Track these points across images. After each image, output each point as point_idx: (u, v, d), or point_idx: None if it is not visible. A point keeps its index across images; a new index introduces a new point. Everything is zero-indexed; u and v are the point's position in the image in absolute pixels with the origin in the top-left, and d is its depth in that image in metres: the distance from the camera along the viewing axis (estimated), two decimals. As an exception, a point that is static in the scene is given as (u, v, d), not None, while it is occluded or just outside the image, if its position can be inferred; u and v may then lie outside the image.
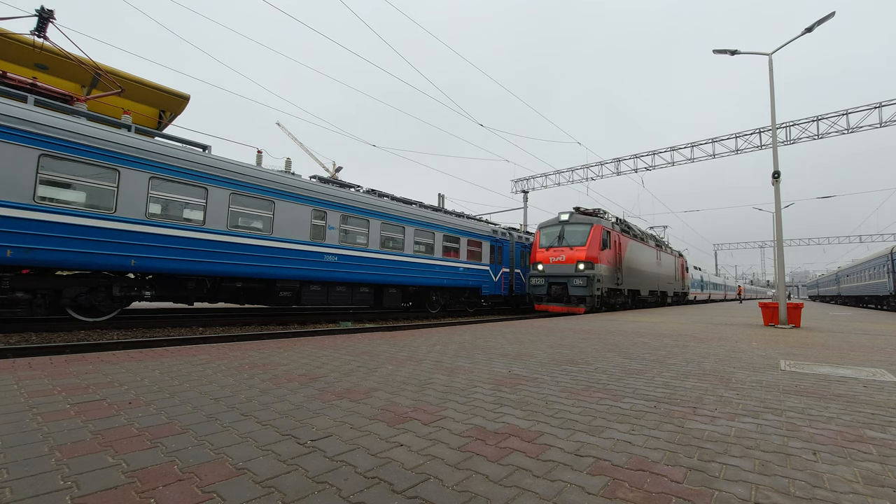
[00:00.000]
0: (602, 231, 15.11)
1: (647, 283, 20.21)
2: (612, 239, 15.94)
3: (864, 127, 18.03)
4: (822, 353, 4.97)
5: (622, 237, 17.10)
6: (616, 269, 15.97)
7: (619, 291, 16.62)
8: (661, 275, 22.81)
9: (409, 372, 3.45)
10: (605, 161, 24.93)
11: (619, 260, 16.41)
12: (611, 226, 16.16)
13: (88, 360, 3.61)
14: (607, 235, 15.58)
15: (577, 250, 14.73)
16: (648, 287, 20.32)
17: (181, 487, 1.42)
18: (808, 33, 9.80)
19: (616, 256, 16.07)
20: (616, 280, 15.91)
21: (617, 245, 16.30)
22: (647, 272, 20.36)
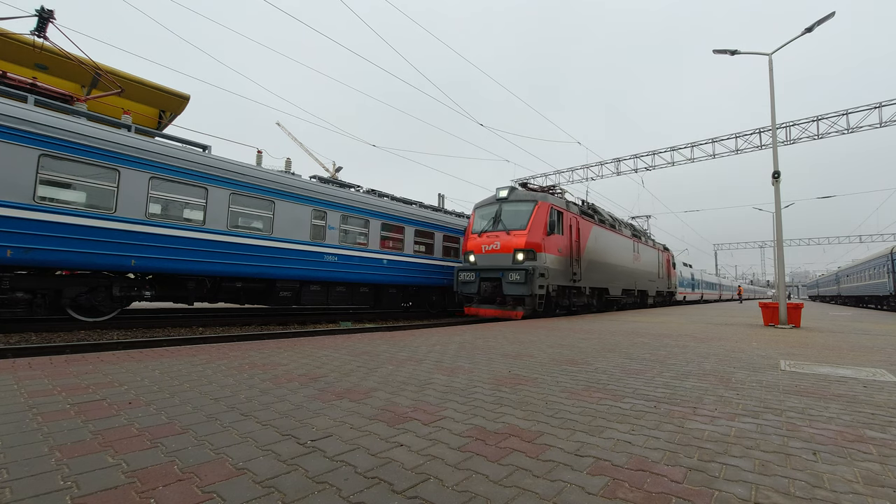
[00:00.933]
0: (549, 211, 11.48)
1: (620, 281, 16.54)
2: (567, 222, 12.35)
3: (864, 127, 18.03)
4: (822, 353, 4.97)
5: (583, 221, 13.56)
6: (571, 262, 12.37)
7: (576, 290, 13.07)
8: (639, 271, 19.10)
9: (409, 372, 3.45)
10: (605, 161, 24.94)
11: (578, 250, 12.86)
12: (565, 205, 12.58)
13: (88, 360, 3.61)
14: (557, 217, 11.97)
15: (515, 235, 11.09)
16: (621, 285, 16.67)
17: (181, 487, 1.42)
18: (808, 33, 9.80)
19: (572, 245, 12.48)
20: (571, 275, 12.31)
21: (574, 231, 12.75)
22: (620, 267, 16.72)
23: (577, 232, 13.11)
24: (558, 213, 12.12)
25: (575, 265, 12.69)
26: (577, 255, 12.88)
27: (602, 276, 14.83)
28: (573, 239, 12.75)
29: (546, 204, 11.56)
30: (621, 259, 16.93)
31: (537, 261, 10.82)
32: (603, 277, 14.92)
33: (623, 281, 16.99)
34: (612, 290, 15.76)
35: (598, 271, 14.57)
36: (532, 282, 10.48)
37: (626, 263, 17.53)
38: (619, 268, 16.65)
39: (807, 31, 9.81)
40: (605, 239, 15.37)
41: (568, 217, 12.64)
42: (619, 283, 16.57)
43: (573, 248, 12.70)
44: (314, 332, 8.50)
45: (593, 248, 14.31)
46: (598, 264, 14.52)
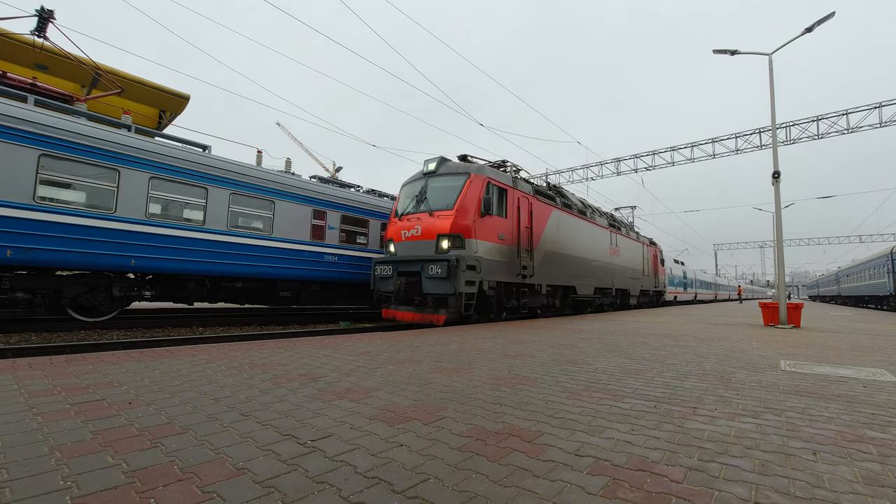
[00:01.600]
0: (485, 186, 8.98)
1: (591, 277, 14.05)
2: (512, 203, 9.91)
3: (864, 127, 18.03)
4: (822, 353, 4.97)
5: (538, 204, 10.97)
6: (520, 252, 9.91)
7: (527, 288, 10.51)
8: (617, 266, 16.54)
9: (409, 372, 3.45)
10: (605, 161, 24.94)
11: (530, 238, 10.43)
12: (511, 182, 10.01)
13: (88, 360, 3.61)
14: (498, 195, 9.46)
15: (439, 217, 8.70)
16: (593, 283, 14.14)
17: (181, 487, 1.42)
18: (808, 33, 9.80)
19: (520, 231, 10.02)
20: (520, 269, 9.85)
21: (524, 213, 10.31)
22: (592, 261, 14.18)
23: (530, 216, 10.53)
24: (499, 191, 9.50)
25: (525, 257, 10.08)
26: (528, 245, 10.29)
27: (566, 272, 12.21)
28: (522, 224, 10.16)
29: (481, 178, 8.98)
30: (594, 252, 14.38)
31: (466, 249, 8.33)
32: (567, 273, 12.27)
33: (596, 278, 14.47)
34: (580, 288, 13.15)
35: (561, 265, 11.91)
36: (456, 276, 7.97)
37: (601, 257, 15.02)
38: (590, 262, 14.10)
39: (807, 31, 9.81)
40: (572, 227, 12.79)
41: (515, 196, 10.01)
42: (591, 280, 14.02)
43: (522, 236, 10.12)
44: (314, 332, 8.50)
45: (554, 237, 11.63)
46: (560, 257, 11.87)
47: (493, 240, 9.08)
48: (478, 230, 8.66)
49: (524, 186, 10.73)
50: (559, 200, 12.60)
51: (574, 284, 12.77)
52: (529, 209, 10.63)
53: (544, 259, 11.13)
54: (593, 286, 14.25)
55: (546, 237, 11.32)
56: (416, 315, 8.56)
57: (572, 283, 12.64)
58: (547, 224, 11.44)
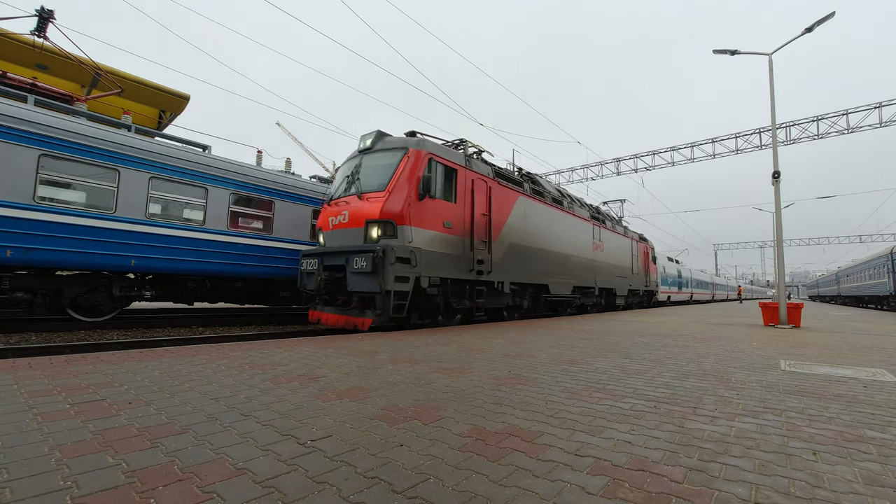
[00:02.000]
0: (426, 164, 7.54)
1: (568, 275, 12.47)
2: (464, 185, 8.40)
3: (864, 127, 18.04)
4: (822, 354, 4.97)
5: (499, 188, 9.49)
6: (473, 244, 8.43)
7: (485, 287, 9.02)
8: (601, 263, 15.07)
9: (409, 372, 3.45)
10: (605, 161, 24.95)
11: (489, 228, 8.95)
12: (463, 161, 8.52)
13: (88, 360, 3.61)
14: (442, 175, 7.96)
15: (369, 200, 7.33)
16: (571, 281, 12.58)
17: (181, 487, 1.42)
18: (808, 33, 9.80)
19: (474, 219, 8.55)
20: (475, 264, 8.39)
21: (480, 198, 8.81)
22: (570, 257, 12.63)
23: (488, 201, 9.02)
24: (446, 170, 8.01)
25: (481, 249, 8.60)
26: (485, 235, 8.79)
27: (536, 268, 10.68)
28: (478, 210, 8.66)
29: (421, 153, 7.50)
30: (572, 247, 12.88)
31: (398, 238, 6.96)
32: (538, 269, 10.77)
33: (575, 276, 12.98)
34: (555, 286, 11.58)
35: (530, 261, 10.40)
36: (383, 271, 6.62)
37: (582, 253, 13.49)
38: (568, 258, 12.52)
39: (807, 31, 9.81)
40: (544, 217, 11.27)
41: (468, 178, 8.48)
42: (568, 277, 12.48)
43: (478, 225, 8.61)
44: (314, 332, 8.50)
45: (520, 228, 10.09)
46: (528, 251, 10.36)
47: (436, 227, 7.60)
48: (414, 216, 7.20)
49: (481, 168, 9.09)
50: (528, 186, 10.87)
51: (547, 282, 11.23)
52: (487, 194, 9.05)
53: (508, 253, 9.58)
54: (571, 284, 12.71)
55: (510, 227, 9.75)
56: (341, 318, 7.22)
57: (544, 281, 11.10)
58: (511, 212, 9.85)
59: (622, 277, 17.24)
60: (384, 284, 6.64)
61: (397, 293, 6.83)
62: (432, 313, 8.06)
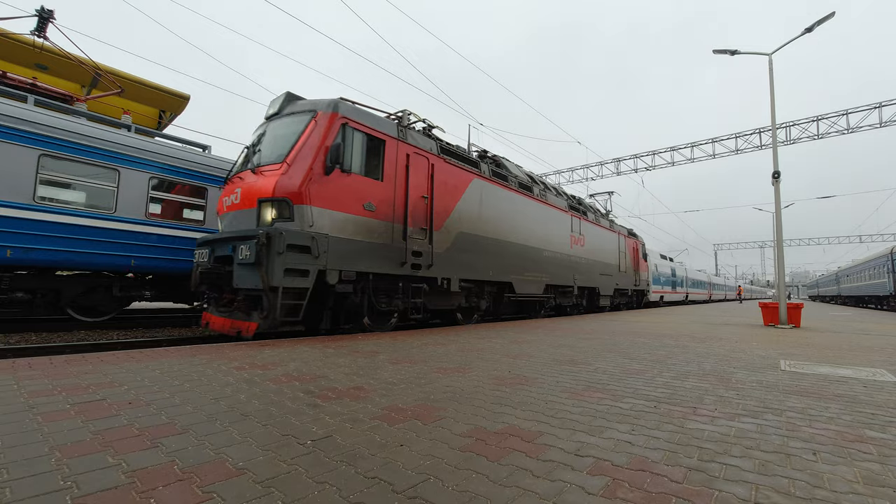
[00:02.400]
0: (336, 129, 6.22)
1: (540, 272, 11.05)
2: (394, 160, 7.05)
3: (864, 127, 18.04)
4: (822, 353, 4.97)
5: (447, 167, 8.08)
6: (407, 233, 7.08)
7: (425, 284, 7.56)
8: (582, 260, 13.66)
9: (409, 372, 3.45)
10: (604, 161, 24.95)
11: (429, 214, 7.54)
12: (395, 132, 7.14)
13: (88, 361, 3.61)
14: (363, 146, 6.62)
15: (264, 175, 6.04)
16: (543, 278, 11.16)
17: (181, 487, 1.42)
18: (808, 33, 9.80)
19: (408, 201, 7.15)
20: (406, 257, 7.03)
21: (417, 177, 7.39)
22: (542, 252, 11.23)
23: (429, 181, 7.57)
24: (368, 140, 6.60)
25: (419, 239, 7.22)
26: (424, 223, 7.40)
27: (496, 263, 9.28)
28: (414, 192, 7.23)
29: (332, 117, 6.14)
30: (545, 240, 11.42)
31: (296, 221, 5.60)
32: (499, 265, 9.35)
33: (548, 273, 11.47)
34: (519, 285, 10.09)
35: (488, 254, 9.00)
36: (268, 263, 5.30)
37: (557, 247, 12.08)
38: (539, 252, 11.08)
39: (807, 31, 9.81)
40: (507, 205, 9.88)
41: (400, 152, 7.06)
42: (539, 275, 11.00)
43: (414, 209, 7.19)
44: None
45: (475, 216, 8.66)
46: (486, 243, 8.98)
47: (352, 209, 6.21)
48: (319, 194, 5.79)
49: (421, 141, 7.56)
50: (486, 168, 9.41)
51: (511, 280, 9.79)
52: (429, 172, 7.57)
53: (457, 244, 8.13)
54: (543, 283, 11.22)
55: (460, 214, 8.29)
56: (226, 321, 5.85)
57: (507, 279, 9.69)
58: (463, 197, 8.41)
59: (607, 275, 15.80)
60: (268, 279, 5.27)
61: (289, 291, 5.48)
62: (354, 316, 6.69)
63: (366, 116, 6.76)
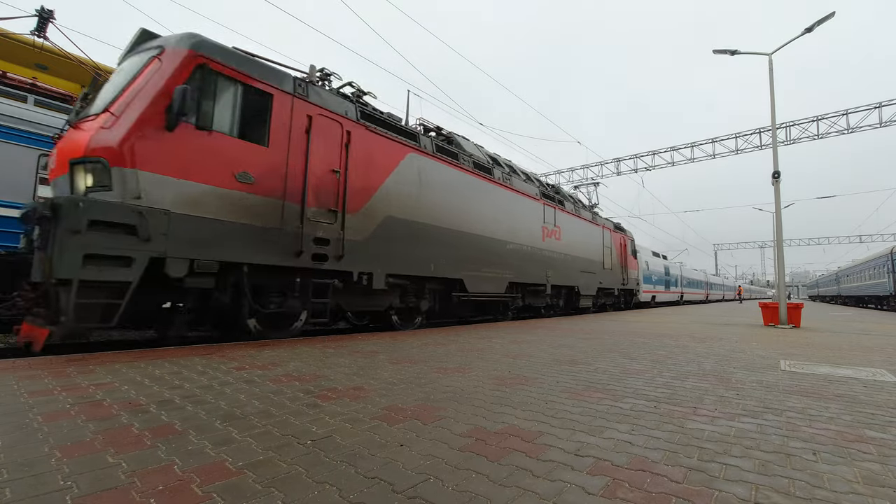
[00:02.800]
0: (186, 69, 4.64)
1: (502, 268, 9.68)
2: (286, 118, 5.55)
3: (864, 127, 18.05)
4: (822, 353, 4.97)
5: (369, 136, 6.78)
6: (306, 214, 5.67)
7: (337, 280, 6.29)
8: (558, 255, 12.14)
9: (409, 372, 3.45)
10: (605, 161, 24.96)
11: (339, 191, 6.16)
12: (290, 85, 5.69)
13: (88, 361, 3.61)
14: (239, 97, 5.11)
15: (79, 130, 4.49)
16: (507, 275, 9.81)
17: (181, 487, 1.42)
18: (808, 33, 9.80)
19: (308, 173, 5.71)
20: (305, 245, 5.64)
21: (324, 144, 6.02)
22: (506, 244, 9.83)
23: (343, 152, 6.19)
24: (244, 91, 5.19)
25: (324, 223, 5.84)
26: (333, 203, 6.00)
27: (439, 256, 7.73)
28: (319, 164, 5.85)
29: (183, 55, 4.73)
30: (508, 231, 9.99)
31: (114, 189, 4.20)
32: (443, 258, 7.80)
33: (512, 269, 10.02)
34: (473, 282, 8.64)
35: (428, 245, 7.53)
36: (56, 246, 3.86)
37: (523, 239, 10.54)
38: (500, 245, 9.65)
39: (806, 31, 9.81)
40: (456, 187, 8.39)
41: (297, 111, 5.67)
42: (500, 271, 9.60)
43: (318, 185, 5.82)
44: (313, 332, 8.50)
45: (410, 198, 7.25)
46: (425, 231, 7.50)
47: (213, 180, 4.76)
48: (151, 155, 4.36)
49: (331, 102, 6.13)
50: (427, 142, 7.89)
51: (461, 276, 8.30)
52: (342, 140, 6.17)
53: (384, 231, 6.74)
54: (506, 280, 9.75)
55: (388, 195, 6.85)
56: (25, 327, 4.24)
57: (456, 275, 8.17)
58: (394, 174, 7.01)
59: (589, 273, 14.23)
60: (53, 269, 3.81)
61: (94, 286, 3.97)
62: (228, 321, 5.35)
63: (242, 61, 5.22)
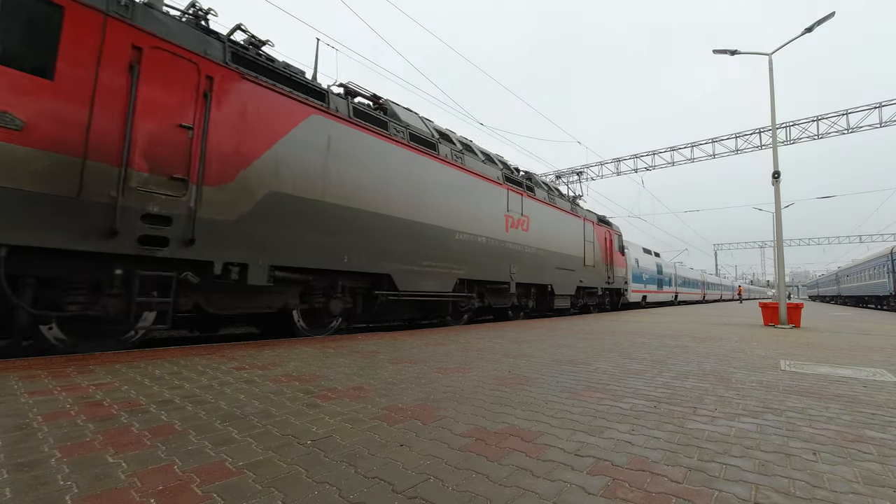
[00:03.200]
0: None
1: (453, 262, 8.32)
2: (87, 44, 3.98)
3: (864, 127, 18.05)
4: (822, 353, 4.97)
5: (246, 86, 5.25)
6: (128, 177, 4.18)
7: (190, 273, 4.70)
8: (525, 249, 10.57)
9: (409, 372, 3.45)
10: (604, 161, 24.95)
11: (191, 152, 4.65)
12: (104, 4, 4.10)
13: (88, 360, 3.61)
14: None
15: None
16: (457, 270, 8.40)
17: (181, 487, 1.42)
18: (808, 33, 9.81)
19: (132, 125, 4.20)
20: (130, 222, 4.19)
21: (167, 91, 4.53)
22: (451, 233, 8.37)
23: (200, 102, 4.87)
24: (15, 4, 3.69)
25: (160, 196, 4.45)
26: (182, 169, 4.66)
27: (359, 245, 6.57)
28: (156, 116, 4.50)
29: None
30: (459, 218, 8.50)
31: None
32: (364, 248, 6.65)
33: (464, 263, 8.52)
34: (405, 278, 7.28)
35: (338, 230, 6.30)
36: None
37: (480, 229, 9.06)
38: (446, 235, 8.16)
39: (807, 31, 9.82)
40: (384, 161, 7.05)
41: (109, 35, 4.20)
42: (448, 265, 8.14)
43: (150, 143, 4.44)
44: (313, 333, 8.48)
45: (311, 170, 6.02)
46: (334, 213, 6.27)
47: None
48: None
49: (179, 33, 4.80)
50: (342, 105, 6.58)
51: (389, 271, 7.00)
52: (199, 89, 4.86)
53: (269, 210, 5.45)
54: (455, 277, 8.23)
55: (276, 165, 5.56)
56: None
57: (381, 269, 6.89)
58: (284, 140, 5.67)
59: (566, 270, 12.48)
60: None
61: None
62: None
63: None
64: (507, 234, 9.89)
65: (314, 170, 6.05)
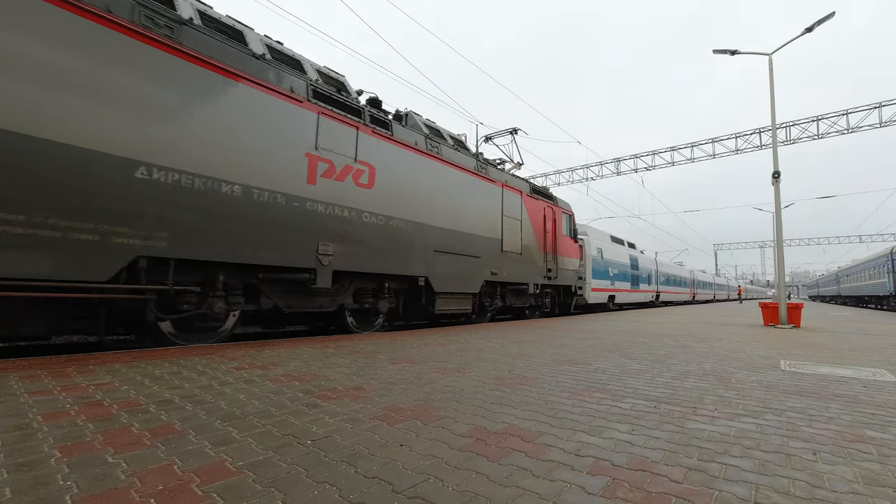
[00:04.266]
0: None
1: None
2: None
3: (864, 127, 18.04)
4: (822, 353, 4.97)
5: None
6: None
7: None
8: (354, 214, 6.27)
9: (409, 372, 3.45)
10: (605, 161, 24.94)
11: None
12: None
13: (88, 360, 3.61)
14: None
15: None
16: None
17: (181, 487, 1.42)
18: (808, 33, 9.80)
19: None
20: None
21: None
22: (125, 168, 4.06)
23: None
24: None
25: None
26: None
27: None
28: None
29: None
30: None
31: None
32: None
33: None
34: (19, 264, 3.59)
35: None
36: None
37: (227, 173, 4.83)
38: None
39: (807, 30, 9.81)
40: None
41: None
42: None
43: None
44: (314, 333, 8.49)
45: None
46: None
47: None
48: None
49: None
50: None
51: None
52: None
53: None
54: (131, 255, 4.18)
55: None
56: None
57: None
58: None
59: (461, 256, 8.48)
60: None
61: None
62: None
63: None
64: (311, 186, 5.82)
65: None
